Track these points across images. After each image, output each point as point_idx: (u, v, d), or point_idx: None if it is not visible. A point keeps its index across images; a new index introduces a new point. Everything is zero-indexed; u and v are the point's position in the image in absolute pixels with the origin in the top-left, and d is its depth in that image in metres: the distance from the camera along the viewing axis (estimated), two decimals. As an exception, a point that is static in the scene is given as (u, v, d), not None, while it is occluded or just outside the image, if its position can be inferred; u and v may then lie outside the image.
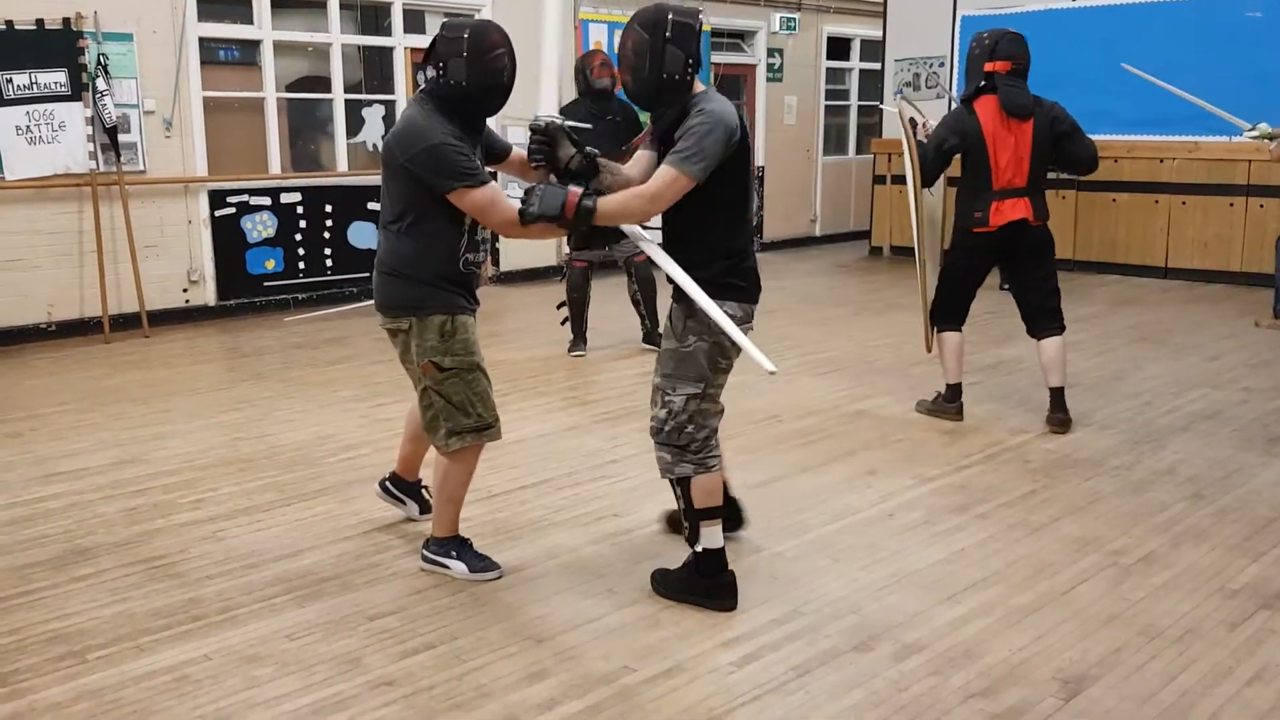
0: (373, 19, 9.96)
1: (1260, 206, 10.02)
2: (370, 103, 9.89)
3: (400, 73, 9.83)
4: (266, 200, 9.04)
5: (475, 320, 3.78)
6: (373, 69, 9.95)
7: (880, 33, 12.79)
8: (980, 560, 3.96)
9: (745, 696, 3.03)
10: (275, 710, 2.98)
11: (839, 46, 14.19)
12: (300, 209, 9.22)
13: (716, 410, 3.59)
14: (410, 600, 3.65)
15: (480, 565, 3.83)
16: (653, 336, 7.29)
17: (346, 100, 9.62)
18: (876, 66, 13.14)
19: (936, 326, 5.73)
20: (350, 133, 9.70)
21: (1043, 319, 5.54)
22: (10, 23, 7.63)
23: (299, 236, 9.24)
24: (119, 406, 6.18)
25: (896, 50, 12.43)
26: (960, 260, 5.62)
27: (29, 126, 7.78)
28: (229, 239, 8.87)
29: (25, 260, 7.90)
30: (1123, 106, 9.53)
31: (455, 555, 3.83)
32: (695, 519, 3.57)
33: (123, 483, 4.87)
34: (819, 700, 3.01)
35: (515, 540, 4.17)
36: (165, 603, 3.65)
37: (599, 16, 11.15)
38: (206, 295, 8.83)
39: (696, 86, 3.48)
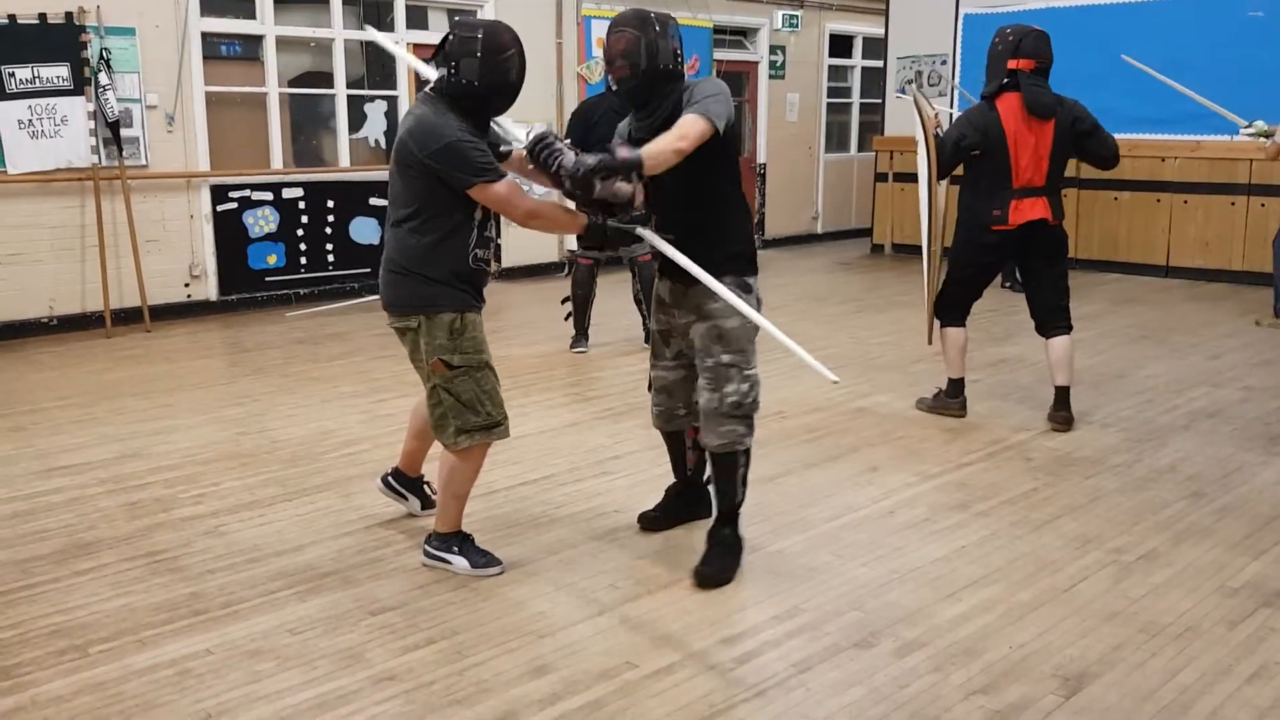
0: (375, 14, 9.96)
1: (1261, 206, 10.01)
2: (372, 98, 9.89)
3: (402, 69, 9.83)
4: (268, 195, 9.04)
5: (481, 318, 3.79)
6: (375, 64, 9.94)
7: (882, 30, 12.79)
8: (981, 557, 3.96)
9: (746, 693, 3.04)
10: (277, 704, 2.98)
11: (841, 44, 14.18)
12: (302, 204, 9.22)
13: None
14: (412, 595, 3.66)
15: (482, 561, 3.83)
16: None
17: (349, 96, 9.62)
18: (879, 64, 13.14)
19: (941, 321, 5.73)
20: (352, 128, 9.70)
21: (1052, 318, 5.54)
22: (13, 17, 7.63)
23: (301, 232, 9.24)
24: (120, 401, 6.18)
25: (899, 48, 12.43)
26: (974, 257, 5.60)
27: (31, 120, 7.78)
28: (231, 234, 8.87)
29: (27, 254, 7.91)
30: (1124, 105, 9.53)
31: (457, 551, 3.84)
32: (745, 485, 3.85)
33: (124, 477, 4.87)
34: (820, 696, 3.02)
35: (517, 536, 4.17)
36: (167, 597, 3.65)
37: (601, 12, 11.15)
38: (208, 290, 8.83)
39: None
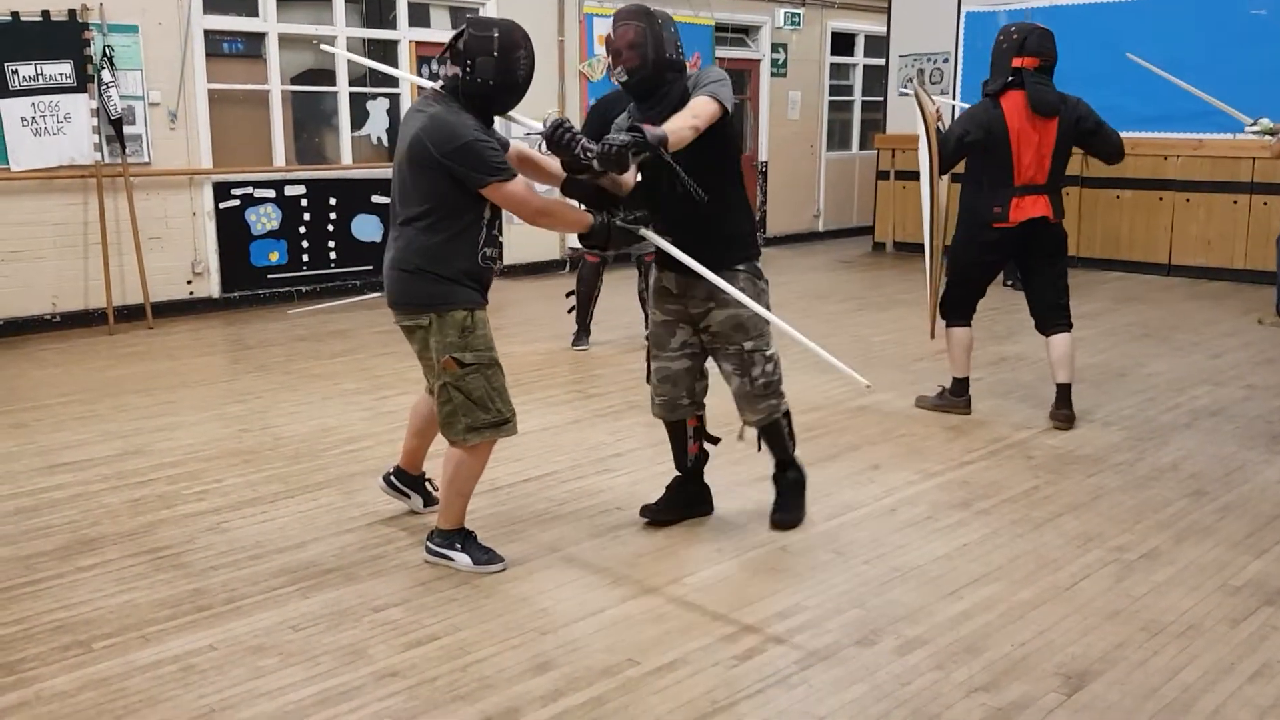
0: (377, 12, 9.97)
1: (1264, 204, 10.01)
2: (375, 96, 9.90)
3: (405, 66, 9.82)
4: (271, 193, 9.05)
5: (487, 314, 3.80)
6: (377, 62, 9.94)
7: (885, 28, 12.79)
8: (983, 556, 3.96)
9: (748, 690, 3.04)
10: (280, 700, 2.99)
11: (843, 42, 14.18)
12: (304, 202, 9.23)
13: None
14: (414, 592, 3.67)
15: (484, 558, 3.84)
16: None
17: (351, 93, 9.63)
18: (881, 62, 13.14)
19: (946, 322, 5.73)
20: (354, 126, 9.71)
21: (1052, 316, 5.55)
22: (16, 14, 7.64)
23: (303, 229, 9.25)
24: (123, 398, 6.19)
25: (901, 46, 12.43)
26: (975, 256, 5.61)
27: (34, 118, 7.79)
28: (233, 231, 8.88)
29: (30, 251, 7.92)
30: (1127, 103, 9.51)
31: (460, 548, 3.84)
32: (793, 438, 4.27)
33: (127, 474, 4.88)
34: (821, 694, 3.02)
35: (519, 533, 4.18)
36: (170, 593, 3.66)
37: (603, 10, 11.15)
38: (210, 287, 8.84)
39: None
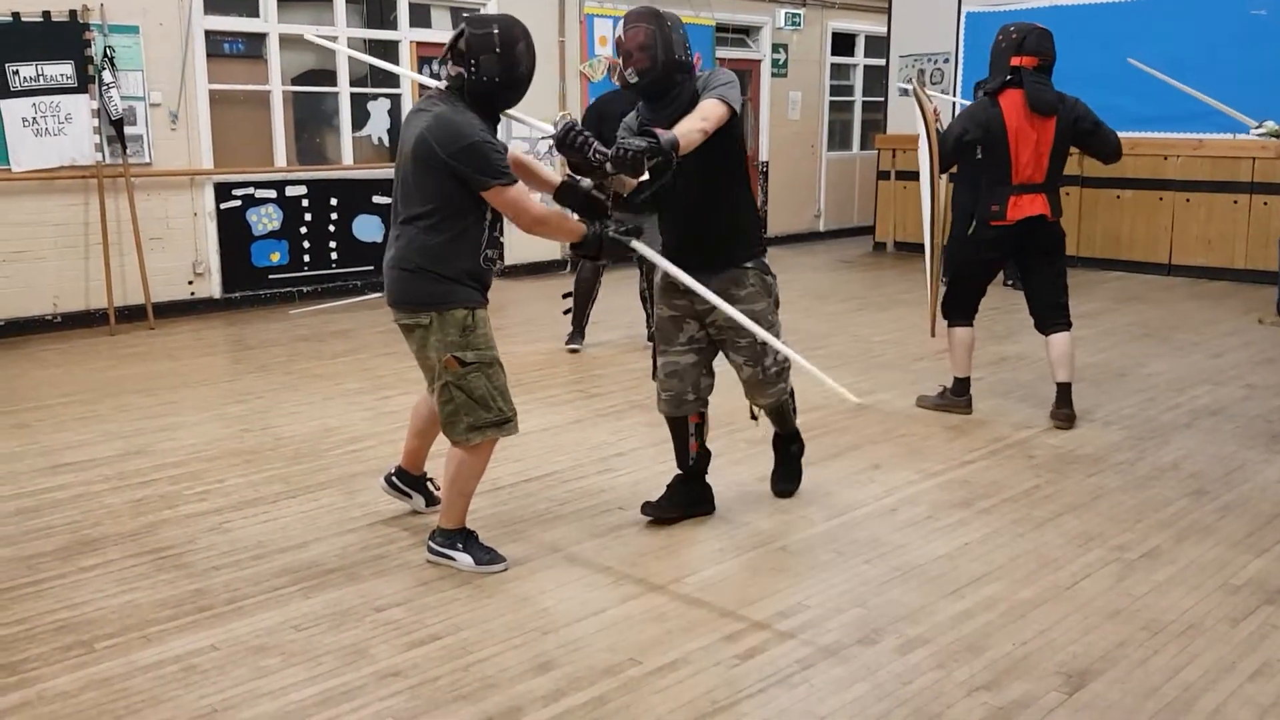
0: (378, 12, 9.97)
1: (1264, 204, 10.02)
2: (376, 96, 9.90)
3: (405, 67, 9.82)
4: (272, 193, 9.06)
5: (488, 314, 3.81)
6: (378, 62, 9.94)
7: (885, 28, 12.79)
8: (984, 555, 3.97)
9: (749, 689, 3.05)
10: (282, 700, 2.99)
11: (843, 42, 14.18)
12: (305, 202, 9.24)
13: None
14: (416, 592, 3.67)
15: (486, 558, 3.84)
16: None
17: (352, 94, 9.63)
18: (881, 62, 13.14)
19: (948, 322, 5.74)
20: (356, 126, 9.71)
21: (1051, 315, 5.55)
22: (17, 15, 7.65)
23: (304, 229, 9.26)
24: (124, 398, 6.20)
25: (901, 46, 12.43)
26: (974, 255, 5.62)
27: (35, 118, 7.80)
28: (234, 232, 8.89)
29: (31, 252, 7.93)
30: (1127, 103, 9.51)
31: (461, 548, 3.85)
32: (796, 412, 4.52)
33: (129, 474, 4.89)
34: (823, 693, 3.02)
35: (521, 533, 4.18)
36: (172, 593, 3.66)
37: (603, 11, 11.16)
38: (211, 288, 8.85)
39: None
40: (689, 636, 3.35)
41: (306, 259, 9.29)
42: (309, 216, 9.27)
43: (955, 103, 8.81)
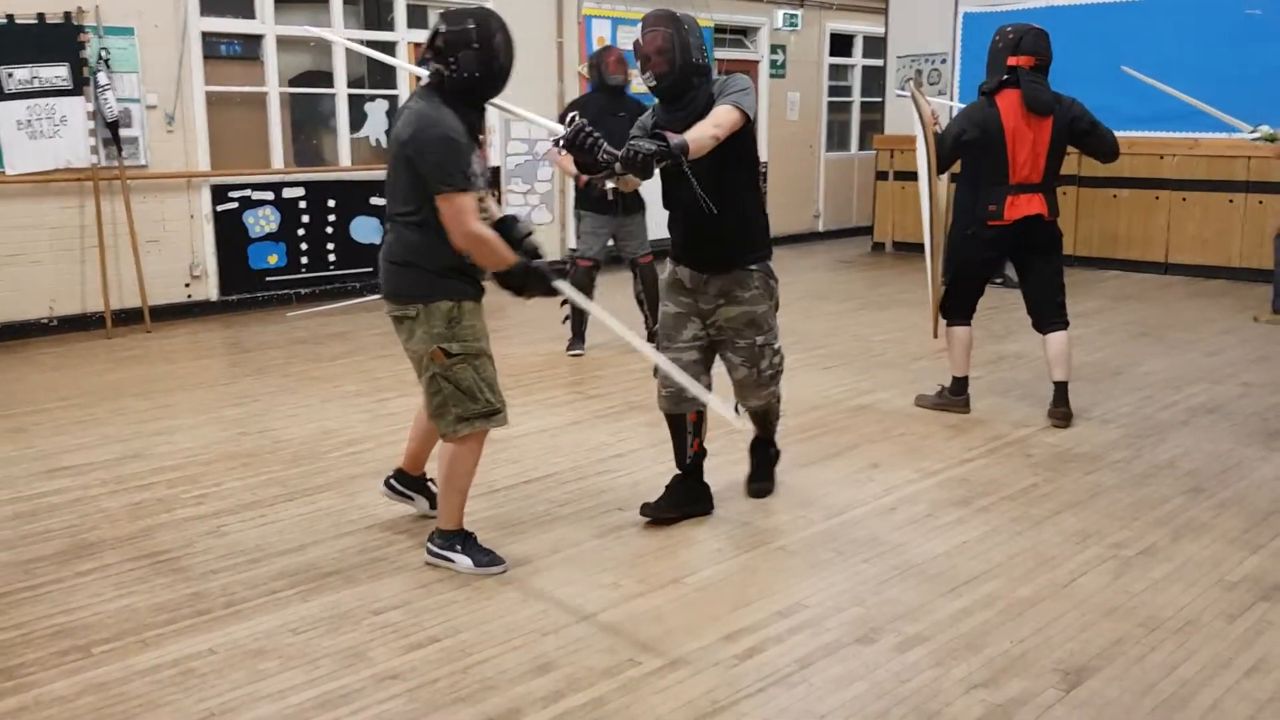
0: (375, 13, 9.97)
1: (1259, 203, 10.02)
2: (373, 97, 9.90)
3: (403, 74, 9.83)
4: (269, 195, 9.05)
5: (481, 307, 3.82)
6: (375, 63, 9.94)
7: (883, 29, 12.80)
8: (982, 553, 3.97)
9: (749, 689, 3.05)
10: (280, 703, 2.99)
11: (841, 43, 14.20)
12: (303, 204, 9.23)
13: None
14: (415, 594, 3.67)
15: (485, 560, 3.84)
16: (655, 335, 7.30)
17: (349, 95, 9.63)
18: (879, 63, 13.15)
19: (946, 321, 5.75)
20: (353, 127, 9.71)
21: (1049, 314, 5.56)
22: (11, 17, 7.63)
23: (301, 231, 9.25)
24: (122, 402, 6.19)
25: (899, 47, 12.44)
26: (971, 254, 5.62)
27: (30, 121, 7.79)
28: (231, 234, 8.88)
29: (27, 255, 7.91)
30: (1123, 103, 9.50)
31: (460, 549, 3.85)
32: (779, 416, 4.53)
33: (126, 478, 4.88)
34: (822, 692, 3.02)
35: (520, 534, 4.18)
36: (169, 597, 3.66)
37: (602, 12, 11.16)
38: (209, 290, 8.84)
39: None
40: (688, 637, 3.35)
41: (304, 261, 9.29)
42: (306, 218, 9.26)
43: (953, 107, 8.81)
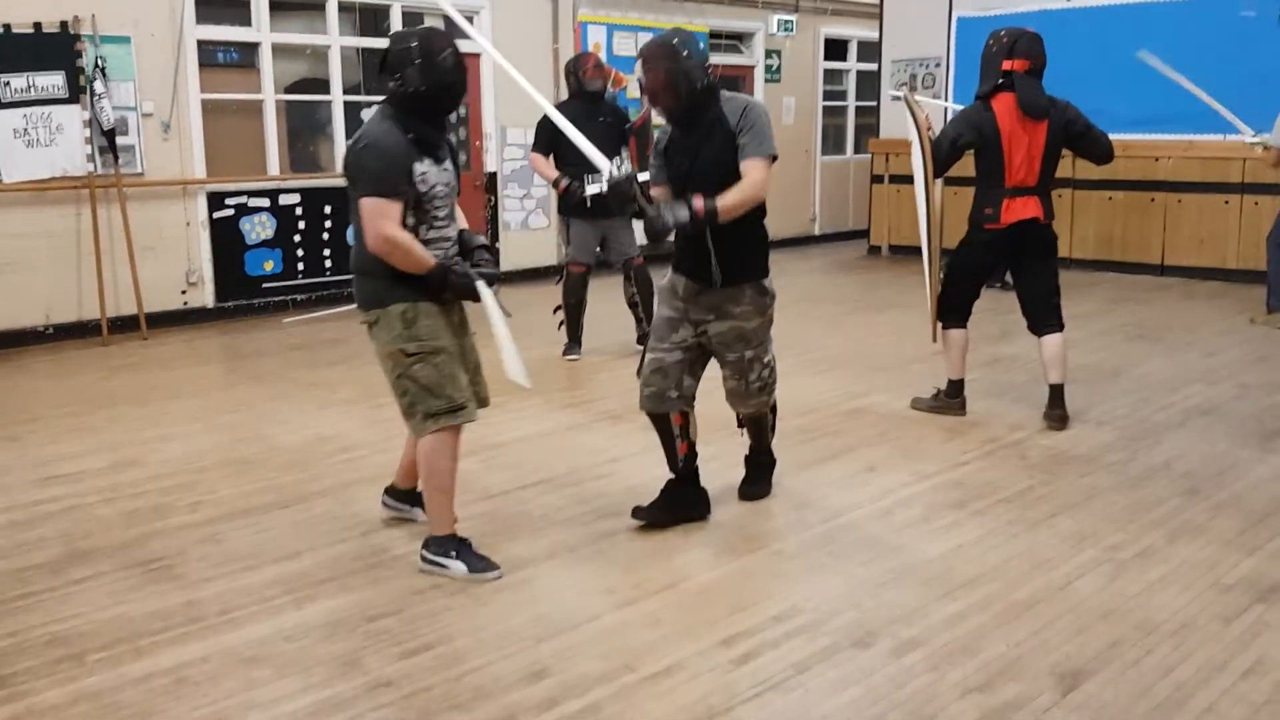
0: (372, 21, 9.97)
1: (1255, 204, 10.03)
2: (369, 104, 9.89)
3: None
4: (265, 202, 9.05)
5: (448, 308, 3.86)
6: (371, 71, 9.95)
7: (877, 34, 12.81)
8: (978, 556, 3.97)
9: (745, 694, 3.04)
10: (274, 711, 2.98)
11: (836, 48, 14.22)
12: (299, 210, 9.23)
13: None
14: (409, 601, 3.66)
15: (479, 565, 3.83)
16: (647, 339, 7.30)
17: (345, 102, 9.64)
18: (873, 67, 13.17)
19: (943, 324, 5.75)
20: (349, 134, 9.70)
21: (1044, 316, 5.57)
22: (8, 26, 7.64)
23: (297, 238, 9.25)
24: (117, 409, 6.18)
25: (893, 51, 12.46)
26: (967, 257, 5.64)
27: (26, 129, 7.79)
28: (227, 240, 8.88)
29: (23, 263, 7.91)
30: (1117, 106, 9.53)
31: (454, 555, 3.84)
32: (773, 428, 4.60)
33: (121, 485, 4.87)
34: (818, 697, 3.02)
35: (515, 540, 4.17)
36: (163, 605, 3.65)
37: (597, 19, 11.17)
38: (205, 297, 8.84)
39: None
40: (684, 642, 3.34)
41: (300, 267, 9.28)
42: (302, 225, 9.27)
43: (947, 108, 8.83)
